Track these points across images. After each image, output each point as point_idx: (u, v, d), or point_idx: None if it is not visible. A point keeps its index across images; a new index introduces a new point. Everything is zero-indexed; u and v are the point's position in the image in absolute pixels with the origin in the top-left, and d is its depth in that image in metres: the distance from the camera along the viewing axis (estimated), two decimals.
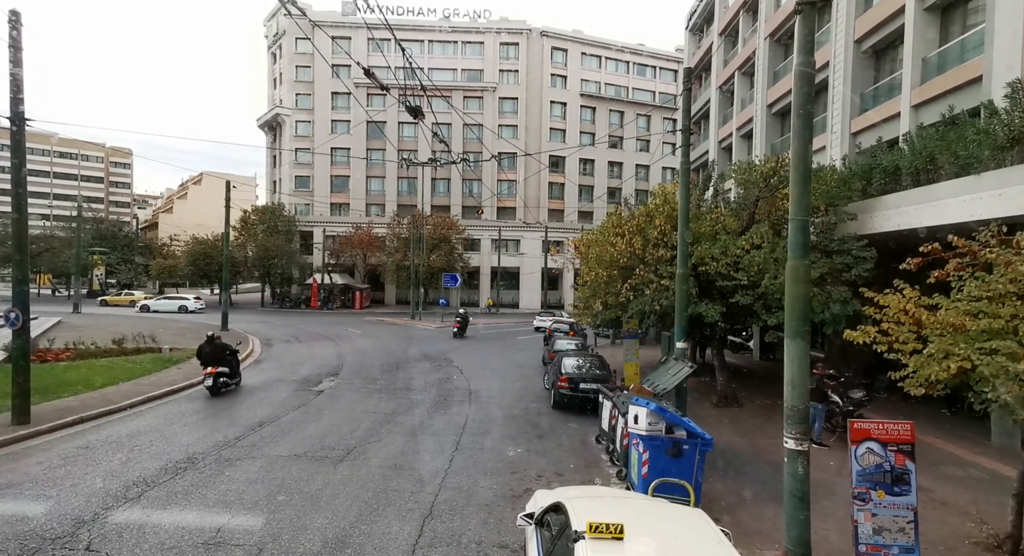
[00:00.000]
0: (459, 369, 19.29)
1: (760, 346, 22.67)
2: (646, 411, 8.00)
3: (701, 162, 31.78)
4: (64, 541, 6.21)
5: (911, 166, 12.85)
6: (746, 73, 26.88)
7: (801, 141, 6.00)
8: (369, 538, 6.57)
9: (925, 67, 15.32)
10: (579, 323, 24.07)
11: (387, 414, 12.67)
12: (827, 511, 7.60)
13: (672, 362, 11.21)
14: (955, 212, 10.46)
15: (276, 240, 48.06)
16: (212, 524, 6.75)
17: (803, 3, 5.89)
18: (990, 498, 8.28)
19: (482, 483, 8.56)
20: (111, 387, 13.86)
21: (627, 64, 61.16)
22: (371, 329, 32.72)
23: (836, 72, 18.63)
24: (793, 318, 5.96)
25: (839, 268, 12.83)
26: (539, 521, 5.17)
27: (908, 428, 6.09)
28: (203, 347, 13.98)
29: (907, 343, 6.31)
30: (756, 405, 14.73)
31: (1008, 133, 10.43)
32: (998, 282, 5.98)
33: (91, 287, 55.79)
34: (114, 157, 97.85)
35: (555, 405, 13.91)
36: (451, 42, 56.53)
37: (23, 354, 10.80)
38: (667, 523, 4.82)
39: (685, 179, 12.20)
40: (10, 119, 10.44)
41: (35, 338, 18.76)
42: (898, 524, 5.90)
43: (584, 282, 17.47)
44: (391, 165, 54.20)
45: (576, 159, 56.60)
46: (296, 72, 55.96)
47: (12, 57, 10.23)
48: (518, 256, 54.04)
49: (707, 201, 17.03)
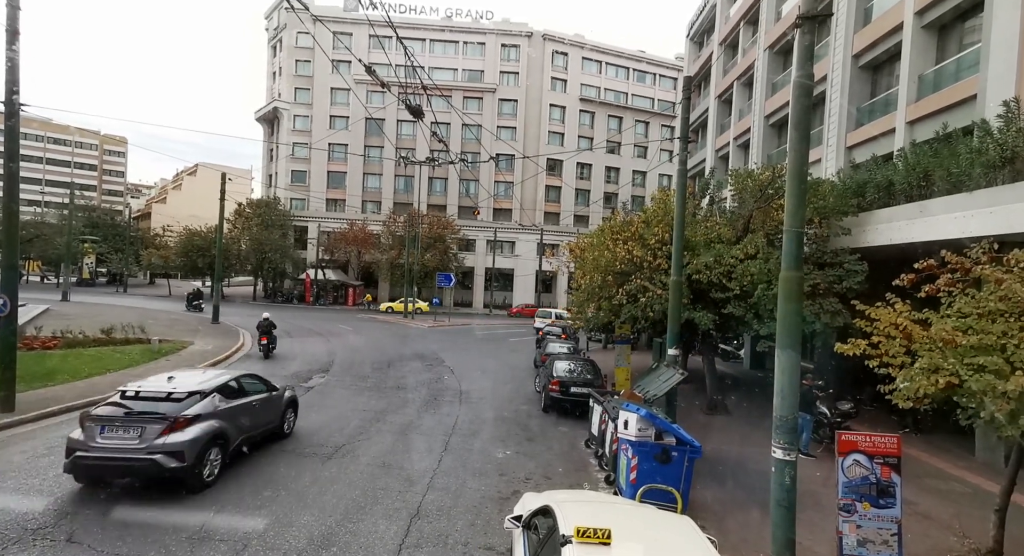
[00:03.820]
0: (450, 369, 19.26)
1: (751, 355, 22.79)
2: (636, 417, 8.03)
3: (698, 170, 31.95)
4: (46, 532, 6.15)
5: (905, 182, 12.99)
6: (745, 83, 27.07)
7: (798, 152, 6.05)
8: (355, 536, 6.54)
9: (921, 84, 15.49)
10: (570, 327, 24.11)
11: (377, 412, 12.62)
12: (813, 521, 7.64)
13: (663, 369, 11.25)
14: (947, 228, 10.58)
15: (270, 234, 47.79)
16: (197, 519, 6.70)
17: (803, 17, 5.95)
18: (973, 512, 8.37)
19: (470, 484, 8.55)
20: (99, 377, 13.73)
21: (627, 70, 61.38)
22: (363, 326, 32.60)
23: (834, 86, 18.81)
24: (784, 329, 6.00)
25: (831, 280, 12.94)
26: (527, 524, 5.17)
27: (895, 441, 6.15)
28: (260, 323, 19.38)
29: (896, 357, 6.37)
30: (745, 414, 14.80)
31: (1001, 152, 10.57)
32: (988, 299, 6.06)
33: (81, 275, 55.25)
34: (108, 145, 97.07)
35: (546, 408, 13.92)
36: (452, 42, 56.51)
37: (10, 342, 10.68)
38: (654, 529, 4.83)
39: (682, 187, 12.26)
40: (5, 104, 10.33)
41: (22, 325, 18.51)
42: (882, 536, 5.95)
43: (578, 286, 17.50)
44: (388, 162, 54.04)
45: (574, 163, 56.72)
46: (296, 66, 55.73)
47: (9, 41, 10.13)
48: (513, 258, 54.06)
49: (703, 209, 17.12)
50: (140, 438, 7.11)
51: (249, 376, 9.63)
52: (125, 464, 7.04)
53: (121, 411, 7.35)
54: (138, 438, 7.11)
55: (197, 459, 7.32)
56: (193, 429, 7.45)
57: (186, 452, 7.17)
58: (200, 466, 7.41)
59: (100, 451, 6.97)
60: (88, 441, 7.05)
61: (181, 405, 7.58)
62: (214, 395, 8.14)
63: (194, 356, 17.81)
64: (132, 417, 7.28)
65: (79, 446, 7.04)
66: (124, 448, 7.02)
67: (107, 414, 7.33)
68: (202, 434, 7.51)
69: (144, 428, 7.17)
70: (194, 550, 5.98)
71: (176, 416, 7.37)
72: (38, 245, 53.48)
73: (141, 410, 7.38)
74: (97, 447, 6.99)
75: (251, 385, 9.39)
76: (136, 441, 7.09)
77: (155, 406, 7.47)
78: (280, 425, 10.04)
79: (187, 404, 7.63)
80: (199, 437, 7.44)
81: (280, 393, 10.22)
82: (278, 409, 10.00)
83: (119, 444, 7.04)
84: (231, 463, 8.43)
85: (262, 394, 9.52)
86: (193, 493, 7.33)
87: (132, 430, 7.16)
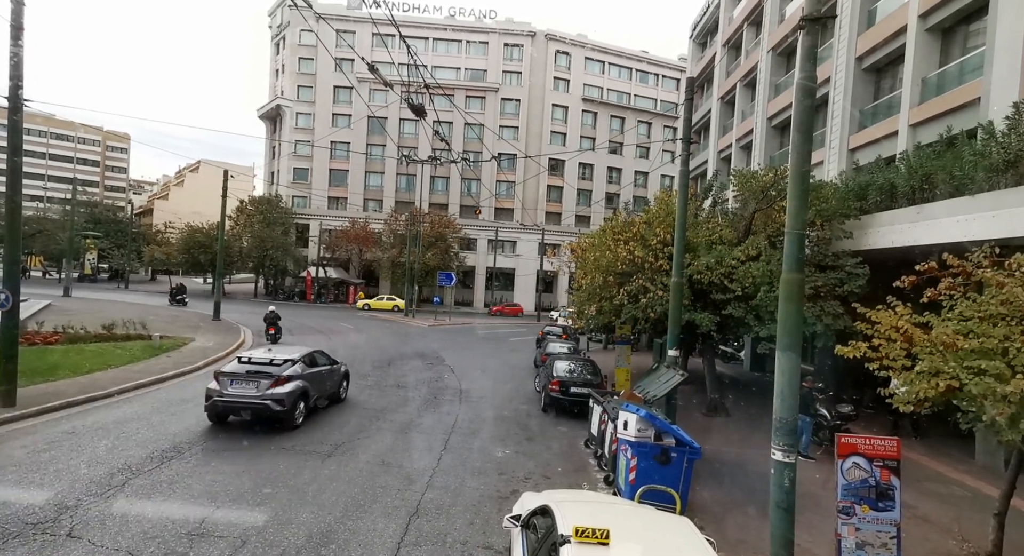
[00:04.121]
0: (450, 368, 19.27)
1: (751, 357, 22.78)
2: (636, 417, 8.03)
3: (700, 171, 31.92)
4: (46, 526, 6.16)
5: (907, 185, 12.96)
6: (748, 85, 27.04)
7: (800, 154, 6.04)
8: (354, 534, 6.55)
9: (924, 87, 15.46)
10: (570, 327, 24.13)
11: (377, 411, 12.64)
12: (811, 524, 7.64)
13: (663, 370, 11.24)
14: (950, 232, 10.56)
15: (272, 231, 47.83)
16: (196, 514, 6.72)
17: (807, 19, 5.94)
18: (972, 516, 8.36)
19: (469, 483, 8.56)
20: (100, 373, 13.75)
21: (630, 70, 61.33)
22: (364, 324, 32.62)
23: (836, 88, 18.77)
24: (785, 331, 6.00)
25: (832, 283, 12.93)
26: (525, 523, 5.18)
27: (894, 444, 6.15)
28: (267, 315, 21.24)
29: (897, 360, 6.36)
30: (745, 415, 14.79)
31: (1004, 155, 10.55)
32: (990, 303, 6.05)
33: (83, 271, 55.30)
34: (111, 141, 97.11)
35: (545, 408, 13.93)
36: (455, 41, 56.52)
37: (12, 335, 10.70)
38: (653, 530, 4.84)
39: (684, 188, 12.25)
40: (8, 100, 10.35)
41: (24, 320, 18.55)
42: (881, 539, 5.95)
43: (579, 286, 17.50)
44: (391, 161, 54.07)
45: (575, 163, 56.71)
46: (299, 64, 55.76)
47: (13, 36, 10.14)
48: (514, 257, 54.07)
49: (705, 211, 17.10)
50: (256, 389, 10.14)
51: (319, 353, 12.38)
52: (246, 406, 10.05)
53: (243, 369, 10.38)
54: (255, 389, 10.15)
55: (292, 406, 10.34)
56: (289, 385, 10.43)
57: (286, 400, 10.20)
58: (293, 412, 10.44)
59: (230, 397, 10.10)
60: (222, 390, 10.17)
61: (280, 368, 10.56)
62: (300, 363, 11.09)
63: (195, 352, 17.84)
64: (251, 374, 10.27)
65: (215, 394, 10.13)
66: (246, 396, 10.09)
67: (233, 371, 10.38)
68: (295, 389, 10.51)
69: (259, 382, 10.19)
70: (193, 546, 5.99)
71: (278, 375, 10.36)
72: (40, 240, 53.54)
73: (255, 370, 10.35)
74: (228, 394, 10.12)
75: (321, 359, 12.24)
76: (254, 390, 10.14)
77: (264, 368, 10.45)
78: (338, 392, 12.96)
79: (284, 368, 10.62)
80: (293, 391, 10.43)
81: (339, 367, 13.10)
82: (339, 379, 12.98)
83: (243, 393, 10.13)
84: (232, 459, 8.66)
85: (328, 366, 12.39)
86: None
87: (251, 383, 10.19)
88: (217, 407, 10.08)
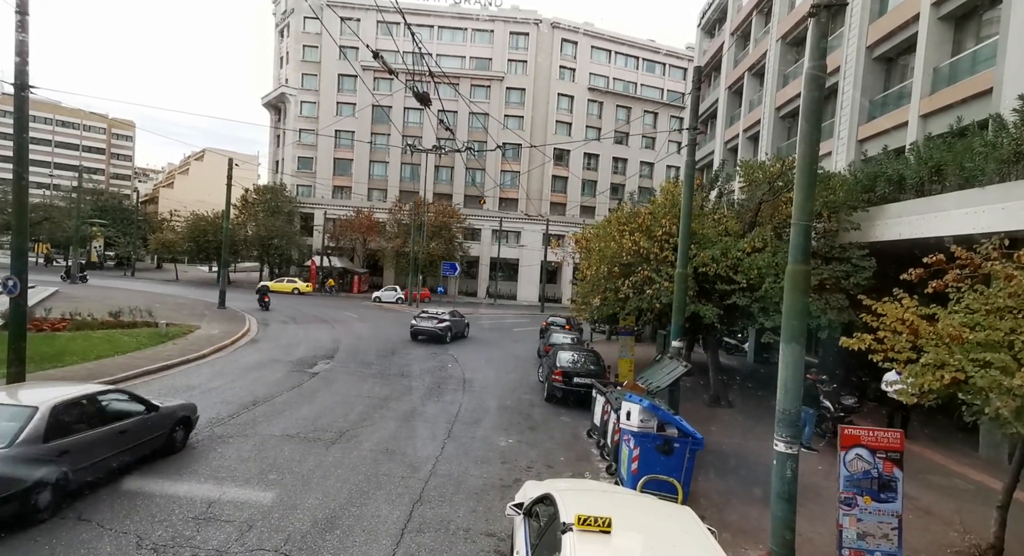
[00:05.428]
0: (454, 357, 19.35)
1: (755, 348, 22.76)
2: (639, 408, 8.05)
3: (706, 162, 31.69)
4: (55, 510, 6.24)
5: (916, 176, 12.84)
6: (756, 74, 26.74)
7: (808, 145, 5.99)
8: (358, 520, 6.62)
9: (936, 77, 15.24)
10: (575, 318, 24.14)
11: (381, 399, 12.72)
12: (813, 514, 7.67)
13: (667, 361, 11.25)
14: (958, 224, 10.47)
15: (276, 220, 47.86)
16: (203, 499, 6.81)
17: (817, 6, 5.85)
18: (975, 509, 8.37)
19: (473, 471, 8.63)
20: (107, 359, 13.89)
21: (636, 60, 60.65)
22: (368, 313, 32.74)
23: (846, 78, 18.54)
24: (790, 323, 5.98)
25: (838, 275, 12.86)
26: (528, 512, 5.22)
27: (898, 436, 6.15)
28: (259, 288, 31.28)
29: (902, 352, 6.34)
30: (748, 406, 14.82)
31: (1015, 147, 10.42)
32: (997, 296, 6.01)
33: (89, 258, 55.59)
34: (116, 129, 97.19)
35: (548, 398, 13.97)
36: (460, 29, 55.99)
37: (20, 322, 10.78)
38: (654, 519, 4.87)
39: (690, 179, 12.17)
40: (14, 86, 10.34)
41: (31, 307, 18.65)
42: (882, 530, 5.97)
43: (584, 277, 17.47)
44: (395, 150, 53.86)
45: (581, 153, 56.34)
46: (303, 52, 55.42)
47: (18, 22, 10.11)
48: (518, 248, 53.95)
49: (711, 202, 16.99)
50: (433, 324, 22.38)
51: (450, 312, 23.96)
52: (429, 331, 22.25)
53: (425, 315, 22.86)
54: (434, 324, 22.38)
55: (447, 332, 22.55)
56: (445, 324, 22.62)
57: (449, 330, 22.74)
58: (447, 336, 22.54)
59: (420, 326, 22.52)
60: (418, 324, 22.61)
61: (442, 316, 22.91)
62: (449, 316, 23.30)
63: (200, 340, 17.96)
64: (429, 316, 22.81)
65: (413, 325, 22.78)
66: (429, 327, 22.35)
67: (421, 314, 23.20)
68: (449, 325, 22.80)
69: (435, 321, 22.49)
70: (200, 529, 6.07)
71: (442, 319, 22.65)
72: (47, 228, 53.75)
73: (431, 316, 22.83)
74: (418, 325, 22.63)
75: (452, 314, 24.20)
76: (433, 324, 22.39)
77: (436, 316, 22.83)
78: (463, 331, 25.05)
79: (444, 318, 22.84)
80: (449, 326, 22.75)
81: (462, 318, 25.22)
82: (463, 326, 25.04)
83: (427, 325, 22.45)
84: (238, 445, 8.78)
85: (459, 317, 24.69)
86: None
87: (431, 321, 22.52)
88: (414, 330, 22.49)
